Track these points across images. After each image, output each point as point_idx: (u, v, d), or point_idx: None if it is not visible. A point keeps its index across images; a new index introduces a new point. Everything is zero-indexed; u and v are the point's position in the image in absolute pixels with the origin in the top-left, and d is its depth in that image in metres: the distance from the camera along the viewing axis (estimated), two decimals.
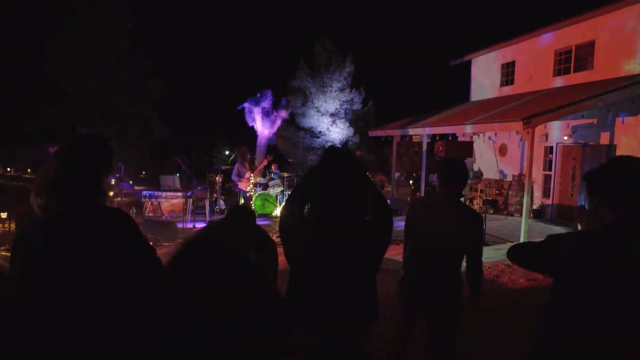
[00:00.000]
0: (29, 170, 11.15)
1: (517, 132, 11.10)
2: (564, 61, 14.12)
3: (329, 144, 20.26)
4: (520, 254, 2.24)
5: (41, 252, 1.89)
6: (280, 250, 3.04)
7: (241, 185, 11.20)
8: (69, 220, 1.95)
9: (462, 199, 3.50)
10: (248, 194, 10.88)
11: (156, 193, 10.70)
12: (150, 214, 10.47)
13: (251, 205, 11.04)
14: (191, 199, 10.84)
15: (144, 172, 21.91)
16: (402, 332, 3.47)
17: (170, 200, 10.66)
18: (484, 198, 14.89)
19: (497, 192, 15.45)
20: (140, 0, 21.49)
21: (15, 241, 2.01)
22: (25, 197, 2.09)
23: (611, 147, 12.15)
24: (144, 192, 10.74)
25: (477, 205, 14.74)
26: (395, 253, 6.85)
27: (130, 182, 17.03)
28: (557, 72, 14.33)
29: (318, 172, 3.00)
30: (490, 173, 16.57)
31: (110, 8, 16.24)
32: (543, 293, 2.23)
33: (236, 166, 11.56)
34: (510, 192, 14.90)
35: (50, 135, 8.79)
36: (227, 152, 39.31)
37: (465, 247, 3.29)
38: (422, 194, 14.98)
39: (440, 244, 3.20)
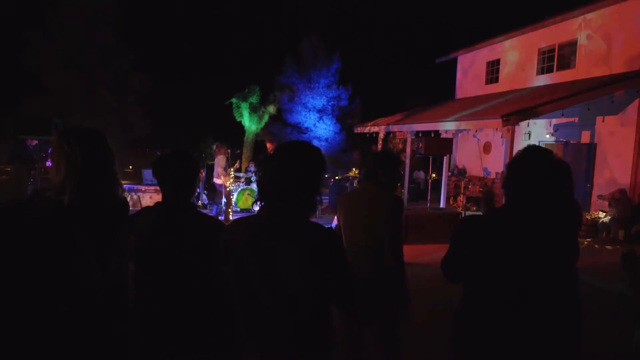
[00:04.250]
0: None
1: (496, 129, 11.16)
2: (547, 60, 14.21)
3: (315, 140, 20.30)
4: (446, 271, 2.36)
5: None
6: None
7: (221, 180, 11.14)
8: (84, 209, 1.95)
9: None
10: (227, 189, 10.85)
11: (136, 187, 10.67)
12: (130, 208, 10.44)
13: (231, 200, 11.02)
14: None
15: (130, 167, 21.83)
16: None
17: (150, 194, 10.63)
18: (468, 195, 14.96)
19: (480, 189, 15.53)
20: None
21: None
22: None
23: (592, 145, 12.25)
24: (124, 186, 10.71)
25: (460, 202, 14.81)
26: None
27: None
28: (541, 71, 14.43)
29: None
30: (474, 170, 16.65)
31: (94, 1, 16.11)
32: None
33: (222, 162, 11.43)
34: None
35: (29, 128, 8.71)
36: (219, 144, 39.08)
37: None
38: (406, 190, 15.02)
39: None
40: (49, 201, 1.98)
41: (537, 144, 13.90)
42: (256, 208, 10.94)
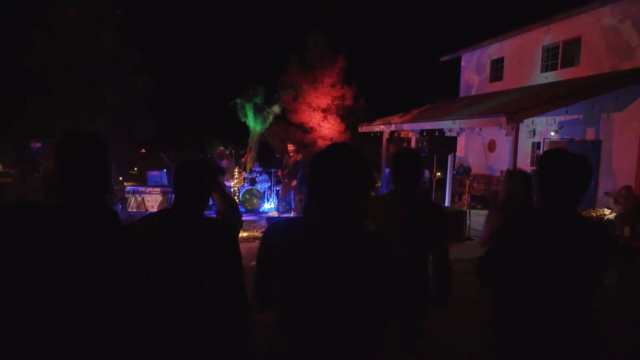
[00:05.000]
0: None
1: (500, 127, 11.13)
2: (552, 57, 14.15)
3: (320, 139, 20.30)
4: (486, 277, 2.39)
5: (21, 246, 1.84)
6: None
7: (226, 182, 11.22)
8: (61, 217, 1.89)
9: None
10: (232, 189, 10.89)
11: (140, 189, 10.69)
12: (134, 210, 10.48)
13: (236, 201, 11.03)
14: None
15: (135, 169, 21.89)
16: None
17: (154, 196, 10.66)
18: (473, 194, 14.91)
19: (485, 187, 15.47)
20: None
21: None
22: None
23: (597, 142, 12.18)
24: (128, 188, 10.73)
25: (465, 200, 14.76)
26: None
27: (120, 178, 17.05)
28: (545, 68, 14.36)
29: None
30: (479, 168, 16.60)
31: (99, 2, 16.13)
32: None
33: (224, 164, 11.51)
34: (498, 188, 14.92)
35: (33, 130, 8.81)
36: (221, 148, 39.19)
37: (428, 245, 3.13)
38: None
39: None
40: (34, 206, 1.96)
41: (541, 141, 13.86)
42: (262, 209, 10.96)
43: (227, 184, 11.27)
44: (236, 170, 10.87)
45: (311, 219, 1.84)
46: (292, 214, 12.03)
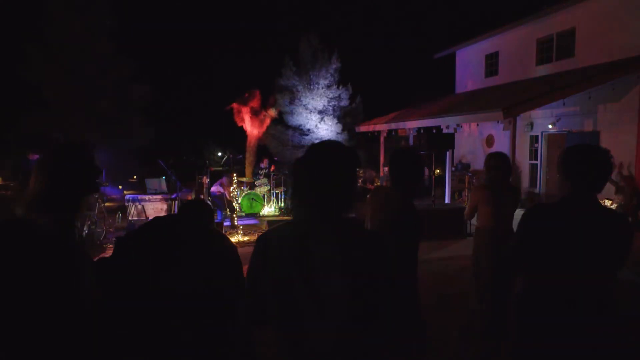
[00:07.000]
0: None
1: (498, 122, 11.12)
2: (546, 50, 14.15)
3: (317, 141, 20.31)
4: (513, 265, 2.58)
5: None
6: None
7: (221, 189, 11.39)
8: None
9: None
10: (231, 194, 10.90)
11: (139, 196, 10.66)
12: (135, 218, 10.45)
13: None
14: (176, 202, 10.81)
15: (134, 177, 21.87)
16: None
17: (154, 203, 10.63)
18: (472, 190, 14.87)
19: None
20: (123, 4, 21.38)
21: None
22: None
23: (595, 133, 12.17)
24: (128, 196, 10.70)
25: (465, 197, 14.74)
26: None
27: (120, 187, 17.04)
28: (540, 61, 14.36)
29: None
30: (478, 164, 16.58)
31: (92, 13, 16.15)
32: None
33: (223, 180, 11.71)
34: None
35: (31, 142, 8.79)
36: (219, 154, 39.30)
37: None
38: None
39: None
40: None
41: (539, 134, 13.85)
42: (264, 212, 10.98)
43: (216, 190, 11.42)
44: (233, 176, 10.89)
45: (307, 220, 1.75)
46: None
